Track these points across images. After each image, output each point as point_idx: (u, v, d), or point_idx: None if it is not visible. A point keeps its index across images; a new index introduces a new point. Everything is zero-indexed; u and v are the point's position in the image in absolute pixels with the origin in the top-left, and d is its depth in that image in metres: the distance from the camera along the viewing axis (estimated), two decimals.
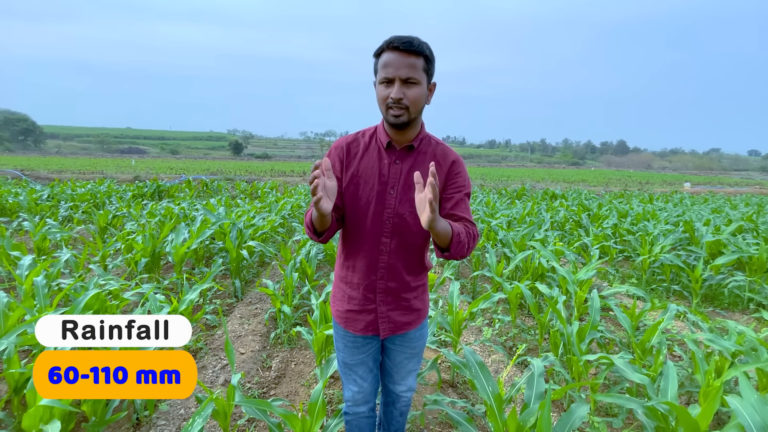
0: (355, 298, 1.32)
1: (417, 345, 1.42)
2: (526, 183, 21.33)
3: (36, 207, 7.06)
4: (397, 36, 1.12)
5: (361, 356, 1.38)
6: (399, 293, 1.31)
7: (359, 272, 1.29)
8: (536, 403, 1.61)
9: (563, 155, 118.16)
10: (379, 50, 1.16)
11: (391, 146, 1.25)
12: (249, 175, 21.61)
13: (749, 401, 1.41)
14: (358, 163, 1.25)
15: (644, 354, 2.38)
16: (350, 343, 1.37)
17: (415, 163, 1.24)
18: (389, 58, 1.12)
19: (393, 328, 1.33)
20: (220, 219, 4.82)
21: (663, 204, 11.41)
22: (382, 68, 1.13)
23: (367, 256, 1.27)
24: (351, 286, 1.32)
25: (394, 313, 1.32)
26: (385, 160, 1.24)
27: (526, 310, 3.78)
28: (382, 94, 1.15)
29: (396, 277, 1.29)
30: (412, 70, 1.12)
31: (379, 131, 1.27)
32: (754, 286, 4.06)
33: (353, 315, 1.33)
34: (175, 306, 2.63)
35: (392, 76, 1.12)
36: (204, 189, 13.17)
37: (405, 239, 1.26)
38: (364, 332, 1.33)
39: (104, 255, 4.02)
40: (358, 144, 1.28)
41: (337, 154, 1.27)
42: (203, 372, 2.58)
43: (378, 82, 1.16)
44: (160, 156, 61.16)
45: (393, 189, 1.23)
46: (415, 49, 1.11)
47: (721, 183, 31.02)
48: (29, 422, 1.45)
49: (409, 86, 1.13)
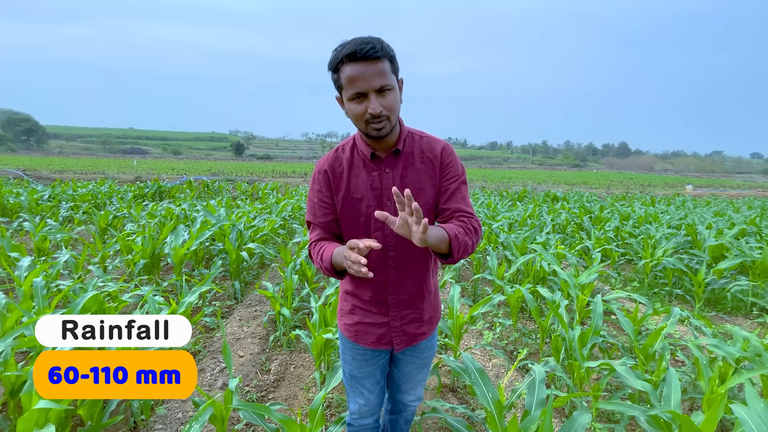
0: (366, 312, 1.27)
1: (428, 355, 1.38)
2: (527, 185, 21.29)
3: (37, 207, 7.06)
4: (353, 43, 1.00)
5: (370, 369, 1.33)
6: (413, 304, 1.26)
7: (369, 290, 1.24)
8: (537, 410, 1.59)
9: (565, 157, 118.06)
10: (336, 63, 1.03)
11: (375, 156, 1.17)
12: (250, 176, 21.62)
13: (755, 410, 1.38)
14: (347, 182, 1.18)
15: (647, 360, 2.35)
16: (359, 356, 1.32)
17: (405, 167, 1.17)
18: (354, 71, 1.01)
19: (407, 340, 1.28)
20: (220, 220, 4.81)
21: (665, 207, 11.36)
22: (349, 84, 1.03)
23: (376, 274, 1.19)
24: (361, 302, 1.27)
25: (409, 326, 1.27)
26: (374, 172, 1.17)
27: (527, 314, 3.75)
28: (356, 111, 1.05)
29: (408, 289, 1.24)
30: (383, 77, 1.02)
31: (359, 143, 1.19)
32: (757, 291, 4.02)
33: (364, 328, 1.28)
34: (174, 308, 2.61)
35: (365, 90, 1.02)
36: (205, 190, 13.17)
37: (411, 248, 1.17)
38: (376, 345, 1.28)
39: (104, 256, 4.02)
40: (341, 162, 1.19)
41: (323, 180, 1.20)
42: (201, 375, 2.56)
43: (347, 99, 1.06)
44: (162, 156, 61.31)
45: (389, 200, 1.17)
46: (379, 54, 1.01)
47: (723, 186, 30.92)
48: (24, 426, 1.43)
49: (384, 94, 1.04)
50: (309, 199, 1.25)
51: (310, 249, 1.22)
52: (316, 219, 1.22)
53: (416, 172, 1.17)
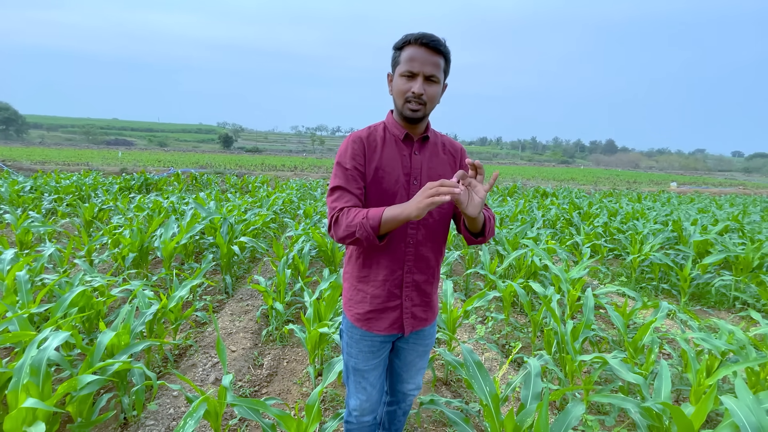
0: (379, 297, 1.28)
1: (429, 342, 1.42)
2: (517, 180, 21.48)
3: (18, 199, 6.84)
4: (424, 33, 1.14)
5: (376, 360, 1.36)
6: (422, 286, 1.31)
7: (385, 268, 1.26)
8: (533, 404, 1.60)
9: (553, 153, 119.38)
10: (403, 43, 1.16)
11: (408, 137, 1.25)
12: (239, 169, 21.33)
13: (745, 401, 1.41)
14: (381, 156, 1.23)
15: (636, 353, 2.40)
16: (366, 348, 1.33)
17: (431, 154, 1.28)
18: (415, 53, 1.13)
19: (414, 323, 1.33)
20: (210, 214, 4.73)
21: (651, 203, 11.59)
22: (406, 61, 1.14)
23: (394, 250, 1.24)
24: (374, 284, 1.28)
25: (417, 308, 1.32)
26: (405, 152, 1.25)
27: (518, 308, 3.79)
28: (402, 87, 1.16)
29: (422, 269, 1.29)
30: (436, 68, 1.15)
31: (391, 125, 1.27)
32: (740, 285, 4.14)
33: (376, 314, 1.30)
34: (165, 303, 2.57)
35: (417, 71, 1.13)
36: (193, 183, 12.95)
37: (430, 228, 1.26)
38: (388, 331, 1.30)
39: (90, 249, 3.91)
40: (375, 137, 1.26)
41: (359, 149, 1.22)
42: (193, 370, 2.52)
43: (398, 74, 1.17)
44: (148, 148, 60.00)
45: (416, 179, 1.24)
46: (441, 48, 1.14)
47: (706, 183, 31.68)
48: (11, 424, 1.39)
49: (430, 83, 1.16)
50: (339, 165, 1.22)
51: (338, 214, 1.16)
52: (350, 186, 1.19)
53: (440, 161, 1.29)
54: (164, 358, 2.63)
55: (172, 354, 2.71)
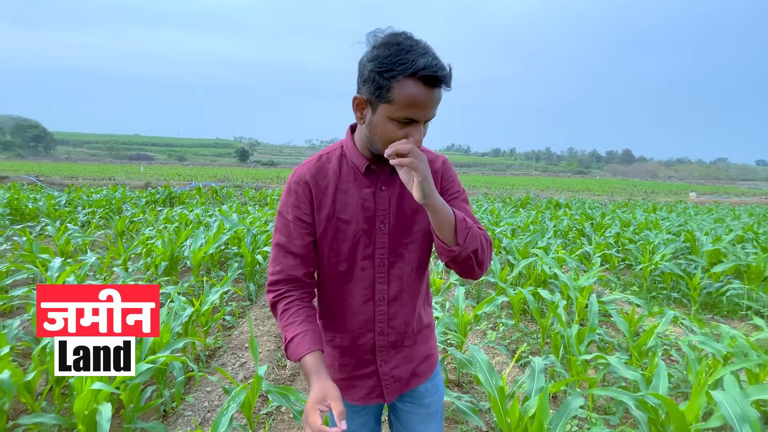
0: (348, 365, 1.04)
1: (431, 402, 1.10)
2: (530, 192, 21.44)
3: (55, 212, 7.32)
4: (428, 60, 0.78)
5: (362, 419, 1.10)
6: (402, 344, 1.04)
7: (351, 333, 1.01)
8: (537, 396, 1.76)
9: (568, 164, 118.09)
10: (401, 72, 0.79)
11: (370, 170, 0.96)
12: (256, 182, 21.94)
13: (732, 395, 1.55)
14: (333, 199, 0.95)
15: (640, 356, 2.52)
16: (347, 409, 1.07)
17: (403, 187, 0.97)
18: (422, 95, 0.80)
19: (400, 386, 1.06)
20: (234, 225, 5.02)
21: (666, 214, 11.49)
22: (406, 105, 0.80)
23: (360, 312, 0.99)
24: (340, 351, 1.03)
25: (399, 369, 1.05)
26: (367, 189, 0.95)
27: (528, 315, 3.91)
28: (393, 133, 0.84)
29: (398, 328, 1.02)
30: (436, 106, 0.85)
31: (350, 152, 0.97)
32: (751, 294, 4.16)
33: (349, 383, 1.05)
34: (198, 307, 2.81)
35: (420, 119, 0.83)
36: (213, 196, 13.44)
37: (404, 279, 0.99)
38: (365, 401, 1.05)
39: (125, 258, 4.23)
40: (326, 173, 0.96)
41: (303, 194, 0.95)
42: (223, 369, 2.74)
43: (388, 116, 0.83)
44: (168, 162, 61.99)
45: (383, 223, 0.96)
46: (448, 81, 0.82)
47: (727, 193, 30.91)
48: (81, 405, 1.62)
49: (425, 126, 0.87)
50: (280, 215, 0.98)
51: (276, 301, 0.96)
52: (291, 243, 0.96)
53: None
54: (197, 357, 2.87)
55: (204, 354, 2.94)
